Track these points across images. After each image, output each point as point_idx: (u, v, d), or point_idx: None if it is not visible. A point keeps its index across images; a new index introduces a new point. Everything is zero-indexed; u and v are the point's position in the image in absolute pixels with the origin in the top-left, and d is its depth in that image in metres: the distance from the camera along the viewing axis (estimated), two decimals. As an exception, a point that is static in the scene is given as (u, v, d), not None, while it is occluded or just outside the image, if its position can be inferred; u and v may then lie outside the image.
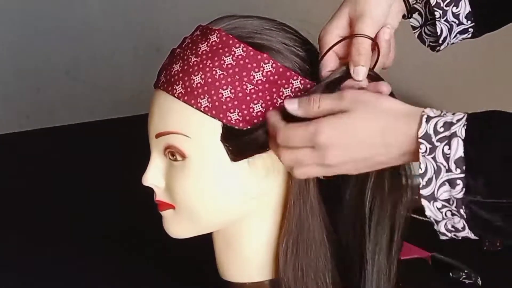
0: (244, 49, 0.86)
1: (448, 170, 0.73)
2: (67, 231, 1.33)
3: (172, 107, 0.87)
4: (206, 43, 0.87)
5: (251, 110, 0.85)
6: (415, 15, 0.95)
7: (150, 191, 0.92)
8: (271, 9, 1.48)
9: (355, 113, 0.77)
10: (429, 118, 0.75)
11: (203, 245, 0.96)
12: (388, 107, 0.78)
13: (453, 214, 0.75)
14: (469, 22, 0.93)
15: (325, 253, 0.90)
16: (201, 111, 0.85)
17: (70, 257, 1.23)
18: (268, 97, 0.85)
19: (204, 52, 0.86)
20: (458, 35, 0.95)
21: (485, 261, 1.18)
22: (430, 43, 0.97)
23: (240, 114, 0.85)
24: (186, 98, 0.85)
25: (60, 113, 2.46)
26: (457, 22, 0.93)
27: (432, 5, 0.91)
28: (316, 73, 0.86)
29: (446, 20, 0.92)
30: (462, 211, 0.74)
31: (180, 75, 0.86)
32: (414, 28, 0.96)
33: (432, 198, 0.75)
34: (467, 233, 0.76)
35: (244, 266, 0.94)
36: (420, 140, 0.74)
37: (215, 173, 0.87)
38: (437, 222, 0.77)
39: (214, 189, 0.88)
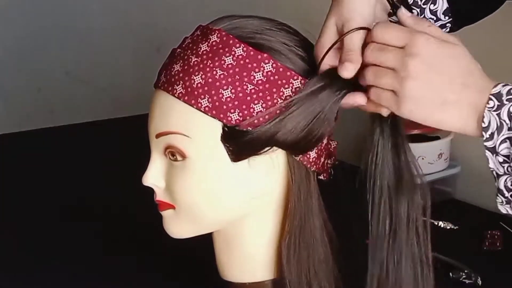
0: (245, 49, 0.85)
1: (510, 129, 0.75)
2: (67, 231, 1.33)
3: (173, 107, 0.87)
4: (207, 43, 0.87)
5: (251, 110, 0.85)
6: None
7: (150, 191, 0.92)
8: (271, 9, 1.48)
9: (457, 47, 0.79)
10: (506, 85, 0.77)
11: (203, 245, 0.96)
12: (478, 65, 0.80)
13: None
14: (446, 18, 0.94)
15: (326, 252, 0.90)
16: (201, 111, 0.85)
17: (70, 257, 1.23)
18: (268, 97, 0.85)
19: (204, 52, 0.86)
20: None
21: (485, 261, 1.18)
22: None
23: (240, 114, 0.85)
24: (186, 98, 0.85)
25: (60, 113, 2.46)
26: (435, 18, 0.94)
27: (410, 3, 0.92)
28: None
29: (424, 18, 0.93)
30: None
31: (181, 75, 0.86)
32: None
33: (494, 151, 0.76)
34: None
35: (245, 266, 0.94)
36: (490, 96, 0.76)
37: (215, 173, 0.87)
38: (498, 176, 0.78)
39: (214, 189, 0.88)
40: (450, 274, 1.11)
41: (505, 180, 0.77)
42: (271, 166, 0.87)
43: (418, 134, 1.45)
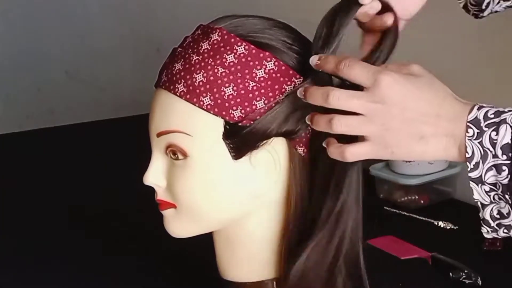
0: (246, 47, 0.86)
1: (495, 156, 0.74)
2: (67, 231, 1.33)
3: (174, 105, 0.87)
4: (208, 41, 0.87)
5: (253, 107, 0.85)
6: None
7: (151, 191, 0.92)
8: (272, 9, 1.48)
9: (422, 78, 0.78)
10: (481, 107, 0.76)
11: (204, 245, 0.96)
12: (448, 90, 0.79)
13: (500, 199, 0.76)
14: None
15: (328, 251, 0.90)
16: (203, 109, 0.85)
17: (70, 256, 1.23)
18: (270, 94, 0.85)
19: (205, 50, 0.86)
20: (501, 1, 0.97)
21: (485, 261, 1.18)
22: (474, 12, 0.98)
23: (242, 111, 0.85)
24: (188, 96, 0.85)
25: (60, 113, 2.46)
26: None
27: None
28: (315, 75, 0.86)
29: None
30: (507, 196, 0.75)
31: (182, 73, 0.86)
32: None
33: (480, 181, 0.75)
34: (511, 221, 0.76)
35: (245, 266, 0.93)
36: (468, 124, 0.75)
37: (217, 172, 0.87)
38: (484, 206, 0.77)
39: (216, 188, 0.88)
40: (450, 274, 1.11)
41: (491, 210, 0.77)
42: (272, 165, 0.87)
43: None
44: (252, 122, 0.85)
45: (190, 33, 0.90)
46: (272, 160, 0.87)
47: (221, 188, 0.87)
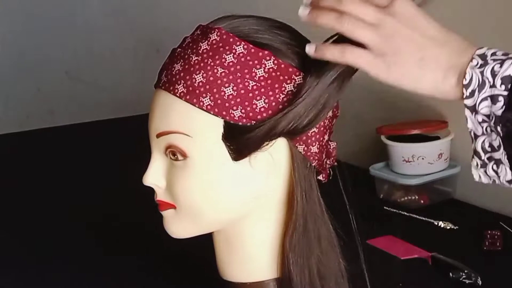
0: (245, 46, 0.86)
1: (493, 86, 0.73)
2: (67, 231, 1.33)
3: (174, 106, 0.87)
4: (207, 41, 0.87)
5: (254, 106, 0.85)
6: None
7: (151, 191, 0.92)
8: (271, 9, 1.48)
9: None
10: (491, 48, 0.76)
11: (204, 245, 0.96)
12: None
13: (491, 130, 0.75)
14: None
15: (331, 251, 0.90)
16: (203, 109, 0.85)
17: (70, 257, 1.23)
18: (270, 93, 0.85)
19: (205, 50, 0.86)
20: None
21: (485, 261, 1.18)
22: None
23: (243, 111, 0.85)
24: (188, 97, 0.85)
25: (60, 113, 2.46)
26: None
27: None
28: (317, 72, 0.86)
29: None
30: (499, 128, 0.74)
31: (182, 74, 0.86)
32: None
33: (473, 109, 0.75)
34: (501, 154, 0.75)
35: (245, 266, 0.94)
36: (474, 56, 0.75)
37: (216, 173, 0.87)
38: (476, 137, 0.76)
39: (215, 188, 0.88)
40: (450, 274, 1.11)
41: (483, 141, 0.76)
42: (272, 165, 0.87)
43: (418, 134, 1.46)
44: (253, 122, 0.84)
45: (189, 33, 0.90)
46: (272, 160, 0.87)
47: (220, 189, 0.87)
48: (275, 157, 0.87)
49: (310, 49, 0.81)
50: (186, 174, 0.87)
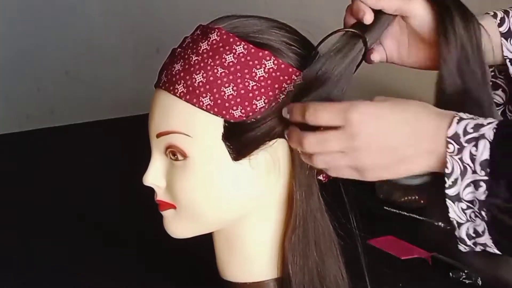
0: (245, 46, 0.86)
1: (474, 172, 0.73)
2: (66, 231, 1.33)
3: (174, 106, 0.87)
4: (207, 41, 0.87)
5: (254, 106, 0.85)
6: (499, 92, 0.94)
7: (150, 191, 0.92)
8: (271, 9, 1.48)
9: (387, 103, 0.77)
10: (460, 119, 0.75)
11: (204, 245, 0.96)
12: (420, 103, 0.78)
13: (476, 216, 0.74)
14: None
15: (331, 251, 0.90)
16: (203, 109, 0.85)
17: (70, 257, 1.23)
18: (270, 93, 0.85)
19: (205, 50, 0.86)
20: None
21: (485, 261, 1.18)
22: None
23: (243, 111, 0.85)
24: (188, 97, 0.85)
25: (60, 113, 2.46)
26: None
27: None
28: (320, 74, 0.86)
29: None
30: (483, 213, 0.74)
31: (182, 74, 0.86)
32: (497, 105, 0.94)
33: (457, 198, 0.74)
34: (486, 239, 0.75)
35: (245, 266, 0.94)
36: (448, 139, 0.74)
37: (216, 173, 0.87)
38: (460, 225, 0.76)
39: (215, 189, 0.88)
40: (450, 274, 1.11)
41: (467, 228, 0.76)
42: (272, 165, 0.87)
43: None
44: (253, 120, 0.84)
45: (190, 33, 0.90)
46: (272, 161, 0.87)
47: (220, 189, 0.87)
48: (275, 157, 0.87)
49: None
50: (186, 174, 0.87)
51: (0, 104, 2.47)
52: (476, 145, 0.73)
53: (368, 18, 0.85)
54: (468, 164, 0.73)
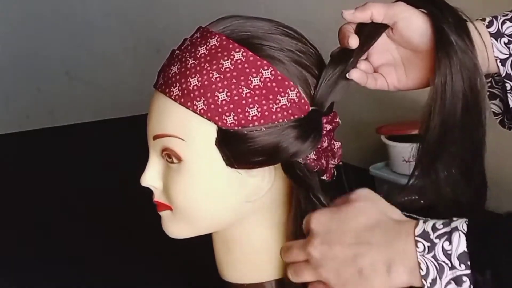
0: (244, 53, 0.85)
1: (452, 268, 0.69)
2: (67, 231, 1.33)
3: (169, 109, 0.87)
4: (205, 46, 0.86)
5: (246, 114, 0.84)
6: (496, 101, 0.92)
7: (149, 192, 0.92)
8: (272, 9, 1.48)
9: (350, 209, 0.76)
10: (427, 220, 0.72)
11: (203, 245, 0.96)
12: (386, 207, 0.77)
13: None
14: None
15: None
16: (196, 113, 0.84)
17: (70, 256, 1.23)
18: (264, 102, 0.84)
19: (202, 55, 0.86)
20: None
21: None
22: (509, 125, 0.93)
23: (235, 117, 0.84)
24: (182, 100, 0.85)
25: (60, 113, 2.46)
26: None
27: (508, 90, 0.87)
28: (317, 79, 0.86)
29: None
30: None
31: (177, 77, 0.86)
32: (496, 114, 0.92)
33: None
34: None
35: (244, 267, 0.93)
36: (417, 238, 0.70)
37: (209, 178, 0.87)
38: None
39: (208, 193, 0.87)
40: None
41: None
42: (267, 169, 0.87)
43: (418, 134, 1.45)
44: (245, 130, 0.84)
45: (190, 34, 0.90)
46: (268, 167, 0.87)
47: (214, 194, 0.87)
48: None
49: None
50: (181, 177, 0.87)
51: (0, 104, 2.47)
52: (449, 239, 0.69)
53: (353, 43, 0.85)
54: (443, 261, 0.69)
